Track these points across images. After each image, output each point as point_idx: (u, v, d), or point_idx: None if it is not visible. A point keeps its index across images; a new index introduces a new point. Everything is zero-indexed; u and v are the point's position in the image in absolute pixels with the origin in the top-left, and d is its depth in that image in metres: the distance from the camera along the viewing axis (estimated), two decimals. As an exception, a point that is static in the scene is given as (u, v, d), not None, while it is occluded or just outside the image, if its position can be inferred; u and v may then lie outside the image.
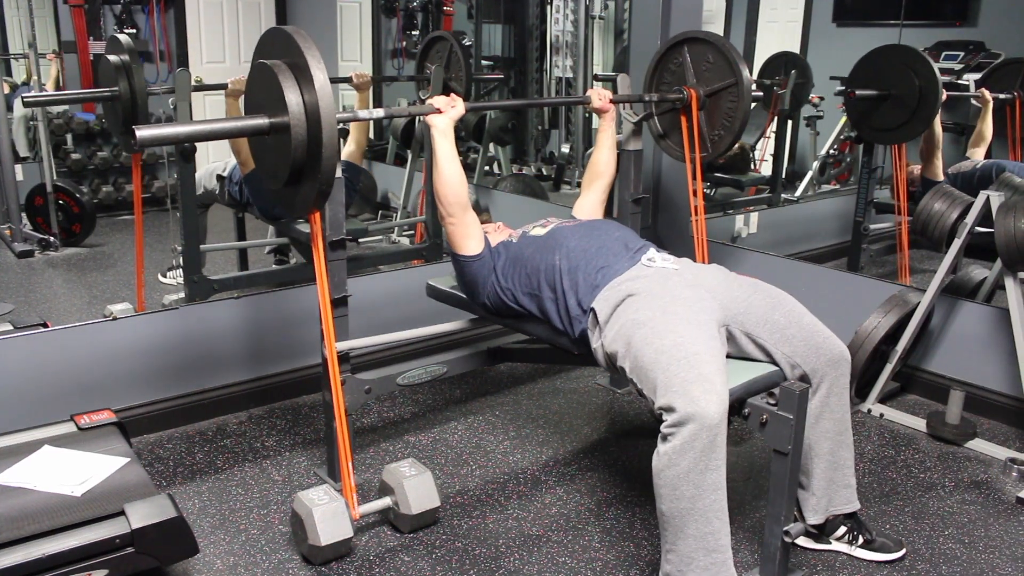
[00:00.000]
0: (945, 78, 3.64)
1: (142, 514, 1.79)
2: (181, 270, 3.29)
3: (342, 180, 2.15)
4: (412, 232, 4.49)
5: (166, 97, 3.17)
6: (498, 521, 2.30)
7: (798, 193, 4.53)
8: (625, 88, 2.84)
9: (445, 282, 2.61)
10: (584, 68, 5.32)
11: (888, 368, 2.91)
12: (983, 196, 2.66)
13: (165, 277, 3.81)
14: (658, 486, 1.76)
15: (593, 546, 2.20)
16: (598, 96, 2.65)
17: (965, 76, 3.67)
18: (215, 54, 5.15)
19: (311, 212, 2.00)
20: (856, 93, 3.43)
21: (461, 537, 2.22)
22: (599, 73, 5.28)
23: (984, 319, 2.92)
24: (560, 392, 3.15)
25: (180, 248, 3.25)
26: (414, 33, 5.54)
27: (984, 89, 3.49)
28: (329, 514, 2.05)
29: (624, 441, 2.78)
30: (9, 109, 4.40)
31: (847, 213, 3.80)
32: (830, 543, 2.15)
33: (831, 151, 4.53)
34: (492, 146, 5.25)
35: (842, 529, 2.13)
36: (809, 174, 4.53)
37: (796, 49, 4.53)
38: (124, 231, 4.55)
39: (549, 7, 5.43)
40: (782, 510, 1.90)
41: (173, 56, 5.11)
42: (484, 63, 5.81)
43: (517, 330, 2.41)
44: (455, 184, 2.21)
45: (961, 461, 2.66)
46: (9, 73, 4.54)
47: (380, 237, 4.61)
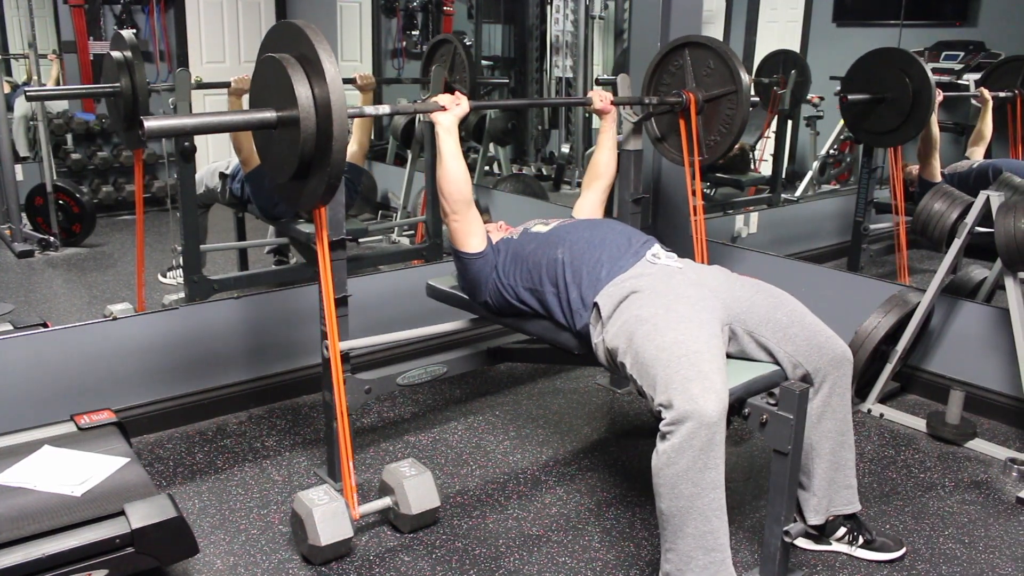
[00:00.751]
0: (943, 78, 3.64)
1: (142, 514, 1.79)
2: (181, 270, 3.29)
3: (343, 180, 2.15)
4: (412, 232, 4.49)
5: (167, 96, 3.17)
6: (498, 521, 2.30)
7: (798, 193, 4.53)
8: (625, 89, 2.84)
9: (445, 282, 2.61)
10: (584, 68, 5.32)
11: (888, 368, 2.91)
12: (983, 196, 2.66)
13: (165, 277, 3.81)
14: (657, 485, 1.77)
15: (593, 546, 2.20)
16: (599, 97, 2.66)
17: (965, 76, 3.67)
18: (215, 54, 5.15)
19: (318, 207, 1.98)
20: (849, 98, 3.44)
21: (461, 537, 2.22)
22: (600, 76, 5.28)
23: (984, 319, 2.92)
24: (560, 392, 3.15)
25: (180, 248, 3.25)
26: (414, 33, 5.54)
27: (983, 88, 3.49)
28: (329, 514, 2.05)
29: (624, 441, 2.78)
30: (9, 109, 4.40)
31: (847, 213, 3.80)
32: (830, 544, 2.15)
33: (831, 151, 4.54)
34: (492, 146, 5.25)
35: (842, 530, 2.13)
36: (809, 174, 4.53)
37: (796, 49, 4.53)
38: (124, 231, 4.55)
39: (549, 7, 5.43)
40: (782, 510, 1.90)
41: (173, 56, 5.11)
42: (484, 63, 5.81)
43: (518, 330, 2.41)
44: (459, 181, 2.21)
45: (961, 461, 2.66)
46: (9, 73, 4.54)
47: (380, 237, 4.61)
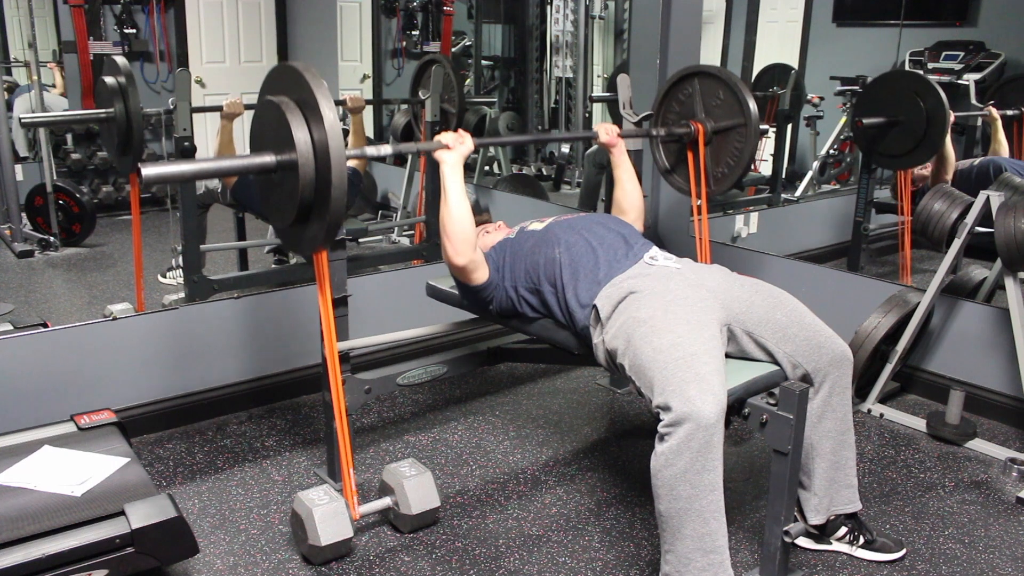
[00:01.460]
0: (944, 78, 3.64)
1: (142, 514, 1.79)
2: (181, 270, 3.30)
3: None
4: (412, 232, 4.49)
5: (167, 96, 3.18)
6: (498, 521, 2.30)
7: (798, 193, 4.53)
8: (625, 88, 2.84)
9: (445, 282, 2.61)
10: (584, 68, 5.32)
11: (888, 368, 2.91)
12: (983, 196, 2.66)
13: (165, 277, 3.81)
14: (656, 487, 1.77)
15: (593, 546, 2.20)
16: (605, 131, 2.56)
17: (965, 76, 3.67)
18: (215, 54, 5.15)
19: (318, 251, 1.95)
20: (864, 122, 3.39)
21: (461, 537, 2.22)
22: (595, 95, 5.24)
23: (984, 319, 2.92)
24: (560, 392, 3.15)
25: (180, 248, 3.25)
26: (414, 33, 5.54)
27: (991, 107, 3.48)
28: (329, 514, 2.05)
29: (624, 441, 2.78)
30: (9, 109, 4.41)
31: (847, 213, 3.80)
32: (831, 544, 2.15)
33: (831, 151, 4.54)
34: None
35: (843, 529, 2.13)
36: (809, 174, 4.53)
37: (796, 49, 4.54)
38: (124, 231, 4.55)
39: (549, 7, 5.44)
40: (782, 510, 1.90)
41: (173, 56, 5.12)
42: (484, 63, 5.81)
43: (518, 330, 2.41)
44: (464, 221, 2.14)
45: (961, 461, 2.66)
46: (9, 73, 4.54)
47: (380, 237, 4.61)
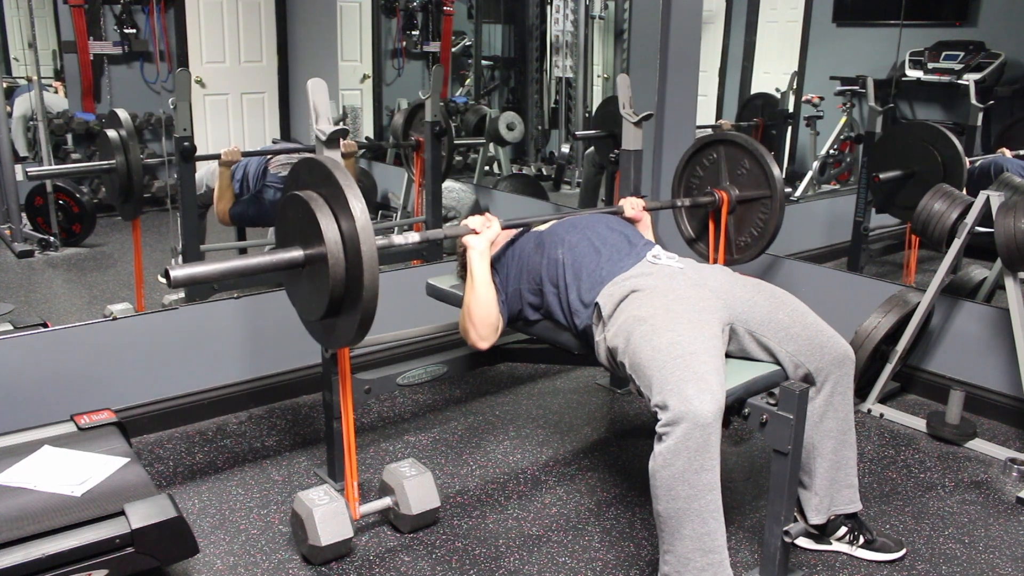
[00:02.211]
0: (943, 78, 3.64)
1: (142, 514, 1.79)
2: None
3: None
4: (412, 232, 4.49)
5: (167, 95, 3.19)
6: (498, 521, 2.30)
7: (798, 193, 4.53)
8: (625, 88, 2.84)
9: (445, 282, 2.61)
10: (584, 68, 5.32)
11: (888, 368, 2.91)
12: (983, 196, 2.66)
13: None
14: (654, 487, 1.77)
15: (593, 546, 2.20)
16: (631, 205, 2.53)
17: (965, 76, 3.67)
18: (215, 54, 5.15)
19: (350, 345, 1.91)
20: (880, 177, 3.36)
21: (461, 537, 2.22)
22: (579, 133, 5.15)
23: (984, 319, 2.92)
24: (560, 392, 3.15)
25: (180, 248, 3.25)
26: (414, 33, 5.54)
27: (1004, 149, 3.48)
28: (329, 514, 2.05)
29: (624, 441, 2.78)
30: (9, 110, 4.41)
31: (847, 213, 3.80)
32: (831, 544, 2.15)
33: (831, 151, 4.54)
34: (492, 146, 5.25)
35: (843, 529, 2.13)
36: (809, 174, 4.53)
37: (796, 49, 4.54)
38: (124, 231, 4.53)
39: (549, 7, 5.43)
40: (782, 510, 1.90)
41: (173, 56, 5.11)
42: (484, 63, 5.81)
43: (518, 329, 2.41)
44: (490, 306, 2.17)
45: (961, 461, 2.66)
46: (9, 73, 4.54)
47: (380, 237, 4.60)
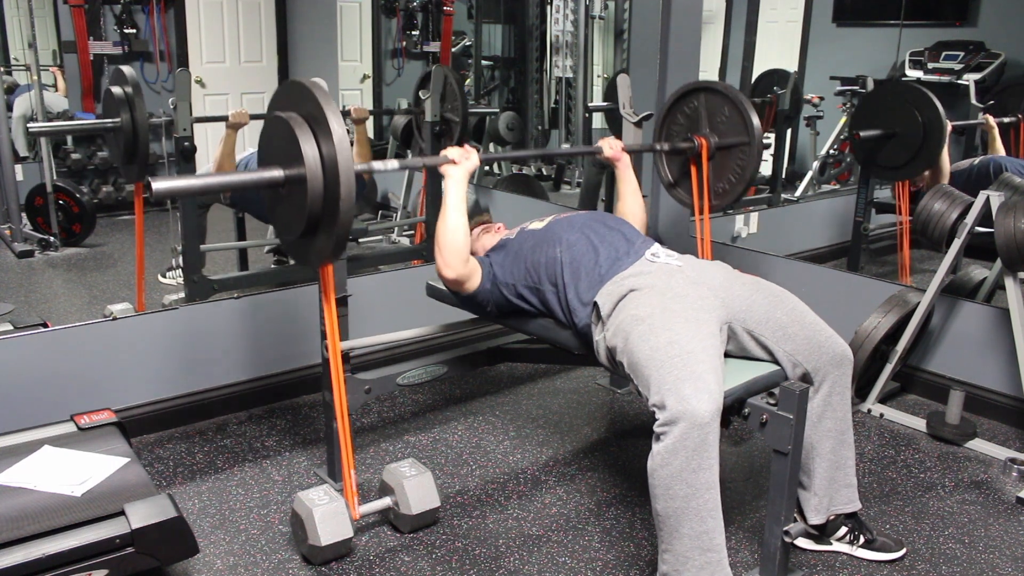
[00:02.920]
0: (943, 78, 3.64)
1: (142, 514, 1.79)
2: (181, 270, 3.29)
3: None
4: (412, 232, 4.49)
5: (167, 95, 3.19)
6: (498, 521, 2.30)
7: (798, 193, 4.53)
8: (625, 88, 2.84)
9: (445, 282, 2.61)
10: (584, 68, 5.32)
11: (888, 368, 2.91)
12: (983, 196, 2.66)
13: (165, 277, 3.81)
14: (652, 486, 1.77)
15: (593, 546, 2.20)
16: (609, 146, 2.57)
17: (965, 76, 3.67)
18: (215, 54, 5.15)
19: (326, 264, 1.95)
20: (860, 135, 3.40)
21: (461, 537, 2.22)
22: (592, 104, 5.22)
23: (984, 319, 2.92)
24: (560, 392, 3.15)
25: (180, 248, 3.25)
26: (414, 33, 5.54)
27: (988, 115, 3.49)
28: (329, 514, 2.05)
29: (624, 441, 2.78)
30: (9, 109, 4.41)
31: (847, 213, 3.80)
32: (831, 544, 2.15)
33: (831, 151, 4.54)
34: (492, 146, 5.25)
35: (843, 529, 2.13)
36: (809, 174, 4.53)
37: (796, 50, 4.54)
38: (124, 231, 4.55)
39: (549, 7, 5.43)
40: (782, 510, 1.90)
41: (173, 56, 5.12)
42: (484, 63, 5.81)
43: (518, 330, 2.41)
44: (459, 233, 2.16)
45: (961, 461, 2.66)
46: (9, 73, 4.54)
47: (380, 237, 4.61)
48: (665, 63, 3.47)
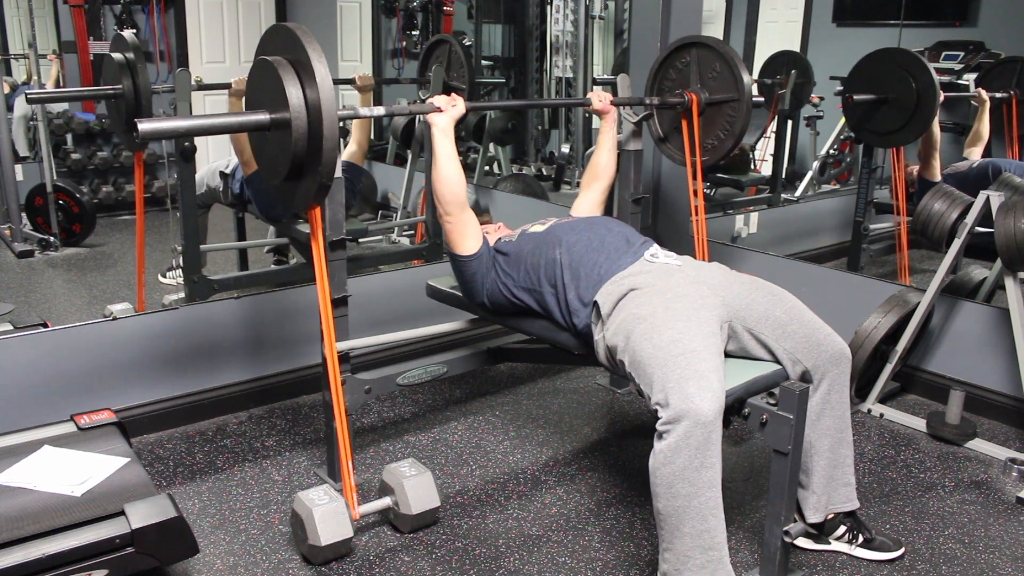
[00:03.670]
0: (944, 78, 3.64)
1: (142, 514, 1.79)
2: (181, 270, 3.29)
3: (342, 180, 2.15)
4: (412, 232, 4.49)
5: (167, 96, 3.18)
6: (498, 521, 2.30)
7: (798, 193, 4.53)
8: (625, 89, 2.84)
9: (445, 282, 2.61)
10: (584, 68, 5.32)
11: (888, 368, 2.91)
12: (983, 196, 2.66)
13: (165, 277, 3.81)
14: (654, 485, 1.77)
15: (593, 546, 2.20)
16: (598, 98, 2.66)
17: (965, 76, 3.67)
18: (215, 54, 5.15)
19: (311, 207, 2.00)
20: (854, 98, 3.43)
21: (461, 537, 2.22)
22: (599, 76, 5.27)
23: (984, 319, 2.92)
24: (560, 392, 3.15)
25: (180, 248, 3.25)
26: (414, 33, 5.54)
27: (980, 89, 3.50)
28: (329, 514, 2.05)
29: (624, 441, 2.78)
30: (9, 109, 4.41)
31: (847, 213, 3.80)
32: (829, 543, 2.15)
33: (831, 151, 4.54)
34: (492, 146, 5.25)
35: (842, 528, 2.14)
36: (809, 174, 4.53)
37: (796, 49, 4.54)
38: (124, 231, 4.55)
39: (549, 7, 5.43)
40: (782, 510, 1.90)
41: (173, 56, 5.12)
42: (484, 63, 5.81)
43: (517, 330, 2.41)
44: (453, 182, 2.22)
45: (961, 461, 2.66)
46: (9, 72, 4.54)
47: (380, 237, 4.61)
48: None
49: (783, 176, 4.53)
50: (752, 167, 4.78)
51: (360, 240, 4.39)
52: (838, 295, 3.26)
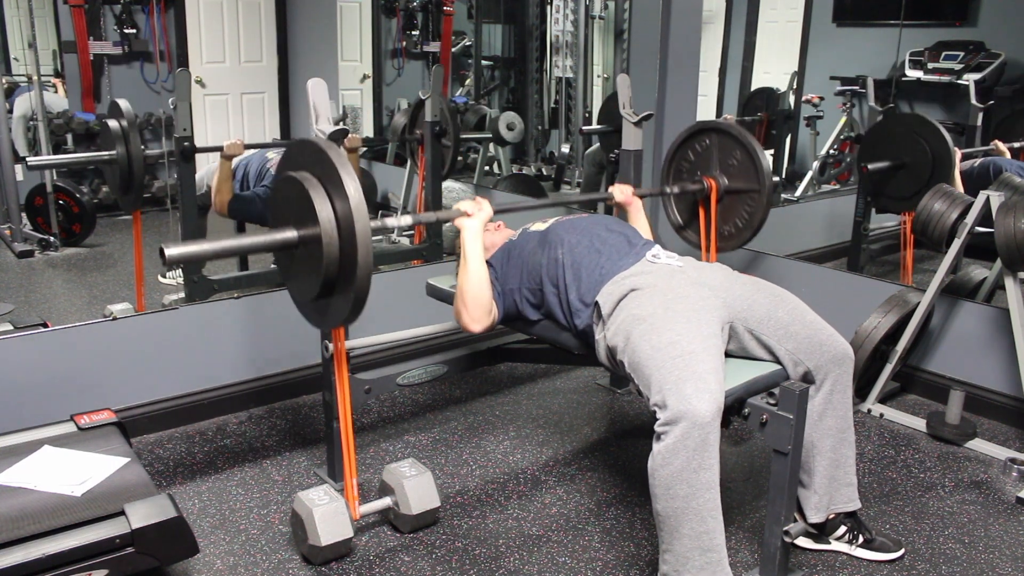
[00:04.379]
0: (944, 78, 3.64)
1: (142, 514, 1.79)
2: (181, 270, 3.29)
3: None
4: (412, 232, 4.49)
5: (168, 95, 3.19)
6: (498, 521, 2.30)
7: (798, 193, 4.53)
8: (625, 88, 2.84)
9: (445, 282, 2.61)
10: (584, 68, 5.32)
11: (888, 368, 2.91)
12: (983, 196, 2.66)
13: (165, 277, 3.81)
14: (653, 486, 1.77)
15: (593, 546, 2.20)
16: (620, 191, 2.60)
17: (965, 76, 3.67)
18: (215, 54, 5.15)
19: (342, 326, 1.93)
20: (869, 167, 3.37)
21: (461, 537, 2.22)
22: (584, 128, 5.16)
23: (984, 319, 2.92)
24: (560, 392, 3.15)
25: (180, 248, 3.24)
26: (414, 33, 5.54)
27: (998, 141, 3.48)
28: (329, 514, 2.05)
29: (624, 441, 2.78)
30: (9, 110, 4.41)
31: (847, 213, 3.80)
32: (830, 543, 2.15)
33: (831, 151, 4.54)
34: (492, 146, 5.25)
35: (842, 528, 2.14)
36: (809, 174, 4.53)
37: (796, 49, 4.54)
38: (124, 231, 4.53)
39: (549, 7, 5.43)
40: (782, 510, 1.90)
41: (173, 56, 5.11)
42: (484, 63, 5.81)
43: (519, 330, 2.41)
44: (481, 289, 2.19)
45: (961, 461, 2.66)
46: (9, 72, 4.54)
47: (380, 237, 4.61)
48: (665, 63, 3.47)
49: (783, 176, 4.53)
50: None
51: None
52: (838, 295, 3.26)
